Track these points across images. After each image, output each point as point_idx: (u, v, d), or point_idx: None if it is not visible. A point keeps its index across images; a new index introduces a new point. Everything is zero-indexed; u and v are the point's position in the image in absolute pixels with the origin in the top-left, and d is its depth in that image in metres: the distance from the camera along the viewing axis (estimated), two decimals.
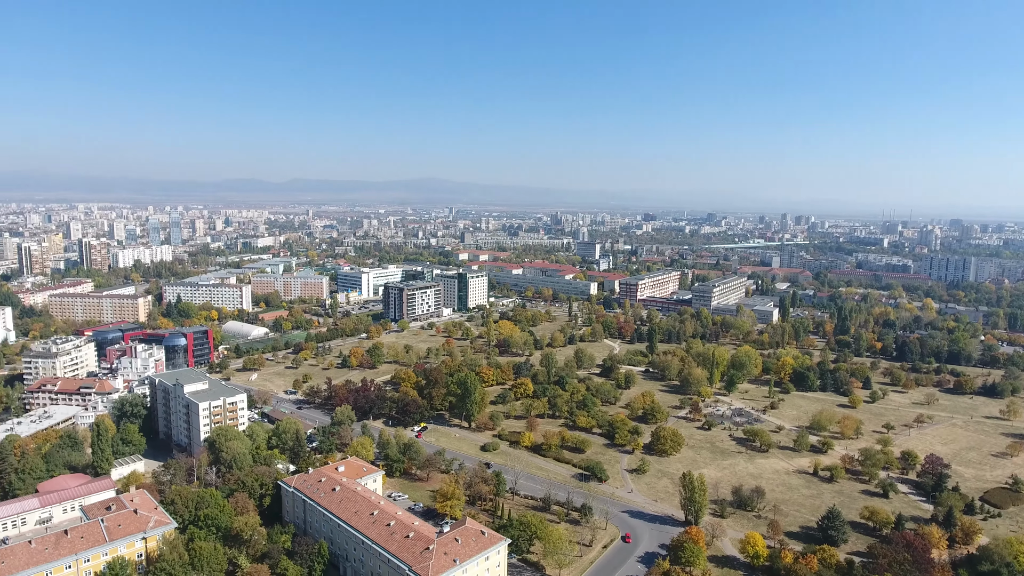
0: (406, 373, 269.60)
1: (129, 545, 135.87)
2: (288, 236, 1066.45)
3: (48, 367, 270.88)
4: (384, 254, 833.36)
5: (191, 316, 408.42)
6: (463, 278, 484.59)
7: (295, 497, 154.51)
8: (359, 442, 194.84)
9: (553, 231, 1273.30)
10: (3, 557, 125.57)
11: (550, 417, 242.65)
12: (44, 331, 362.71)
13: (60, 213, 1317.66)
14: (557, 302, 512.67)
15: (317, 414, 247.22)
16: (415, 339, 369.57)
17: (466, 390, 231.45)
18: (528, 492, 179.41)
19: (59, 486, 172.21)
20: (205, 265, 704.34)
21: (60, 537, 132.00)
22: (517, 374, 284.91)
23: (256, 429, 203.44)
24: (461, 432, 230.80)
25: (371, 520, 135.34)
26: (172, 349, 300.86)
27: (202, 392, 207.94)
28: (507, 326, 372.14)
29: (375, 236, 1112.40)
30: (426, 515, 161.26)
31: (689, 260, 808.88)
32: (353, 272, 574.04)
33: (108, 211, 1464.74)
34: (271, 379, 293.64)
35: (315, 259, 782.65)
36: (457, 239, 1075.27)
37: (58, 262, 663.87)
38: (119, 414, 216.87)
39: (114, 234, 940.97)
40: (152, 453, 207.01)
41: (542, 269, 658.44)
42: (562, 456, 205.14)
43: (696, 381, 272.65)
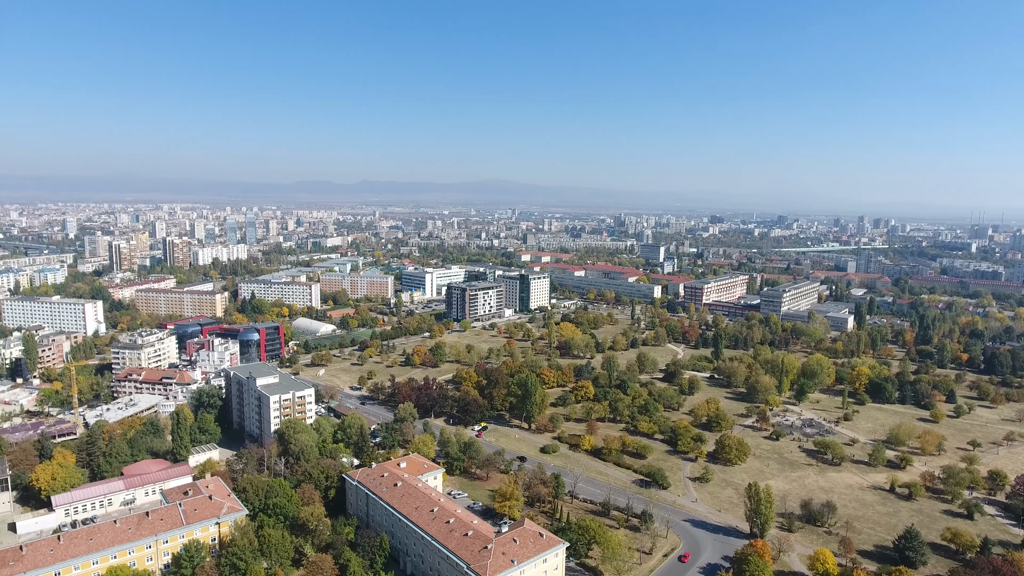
0: (467, 373, 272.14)
1: (204, 529, 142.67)
2: (356, 236, 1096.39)
3: (134, 358, 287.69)
4: (447, 254, 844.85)
5: (264, 312, 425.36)
6: (525, 279, 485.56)
7: (358, 491, 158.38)
8: (421, 439, 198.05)
9: (616, 233, 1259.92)
10: (91, 534, 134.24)
11: (611, 421, 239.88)
12: (131, 324, 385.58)
13: (147, 213, 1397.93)
14: (619, 305, 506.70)
15: (380, 410, 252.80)
16: (477, 339, 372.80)
17: (526, 391, 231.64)
18: (587, 496, 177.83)
19: (142, 470, 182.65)
20: (277, 263, 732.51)
21: (142, 518, 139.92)
22: (578, 377, 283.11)
23: (323, 423, 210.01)
24: (521, 433, 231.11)
25: (431, 516, 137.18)
26: (246, 343, 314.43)
27: (273, 385, 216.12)
28: (568, 328, 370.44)
29: (439, 237, 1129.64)
30: (485, 514, 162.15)
31: (758, 264, 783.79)
32: (417, 272, 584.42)
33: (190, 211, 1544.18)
34: (337, 375, 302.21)
35: (381, 259, 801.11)
36: (520, 240, 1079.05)
37: (144, 259, 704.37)
38: (197, 404, 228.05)
39: (195, 233, 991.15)
40: (226, 442, 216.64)
41: (605, 271, 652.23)
42: (622, 461, 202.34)
43: (764, 389, 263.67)
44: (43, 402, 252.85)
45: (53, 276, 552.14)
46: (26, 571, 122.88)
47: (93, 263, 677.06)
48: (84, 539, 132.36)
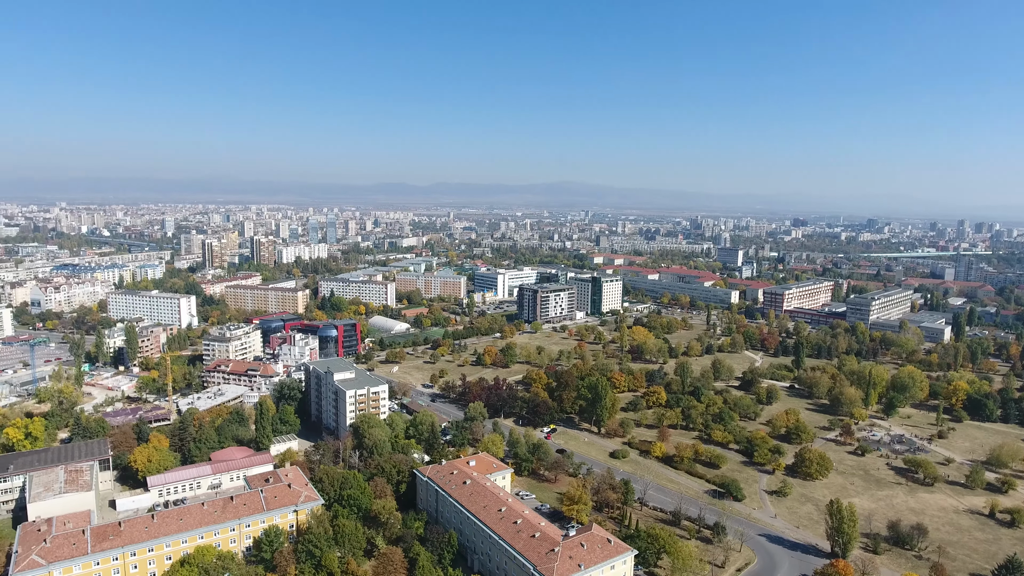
0: (537, 374, 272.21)
1: (283, 516, 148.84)
2: (430, 237, 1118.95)
3: (222, 350, 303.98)
4: (520, 256, 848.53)
5: (342, 310, 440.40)
6: (597, 282, 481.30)
7: (429, 487, 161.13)
8: (490, 439, 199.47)
9: (692, 236, 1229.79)
10: (181, 515, 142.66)
11: (683, 428, 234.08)
12: (220, 318, 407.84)
13: (237, 214, 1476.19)
14: (694, 310, 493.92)
15: (451, 408, 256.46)
16: (547, 341, 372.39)
17: (596, 395, 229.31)
18: (657, 504, 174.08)
19: (227, 456, 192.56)
20: (355, 263, 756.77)
21: (227, 502, 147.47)
22: (650, 382, 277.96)
23: (395, 419, 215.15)
24: (590, 437, 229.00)
25: (499, 516, 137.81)
26: (325, 339, 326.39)
27: (349, 381, 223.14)
28: (641, 332, 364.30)
29: (511, 238, 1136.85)
30: (552, 516, 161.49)
31: (844, 269, 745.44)
32: (489, 273, 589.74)
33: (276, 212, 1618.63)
34: (410, 372, 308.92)
35: (454, 259, 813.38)
36: (592, 243, 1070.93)
37: (233, 257, 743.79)
38: (278, 396, 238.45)
39: (280, 233, 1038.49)
40: (304, 433, 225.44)
41: (679, 275, 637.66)
42: (695, 470, 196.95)
43: (849, 401, 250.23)
44: (141, 389, 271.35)
45: (152, 272, 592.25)
46: (123, 545, 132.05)
47: (188, 260, 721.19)
48: (175, 519, 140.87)
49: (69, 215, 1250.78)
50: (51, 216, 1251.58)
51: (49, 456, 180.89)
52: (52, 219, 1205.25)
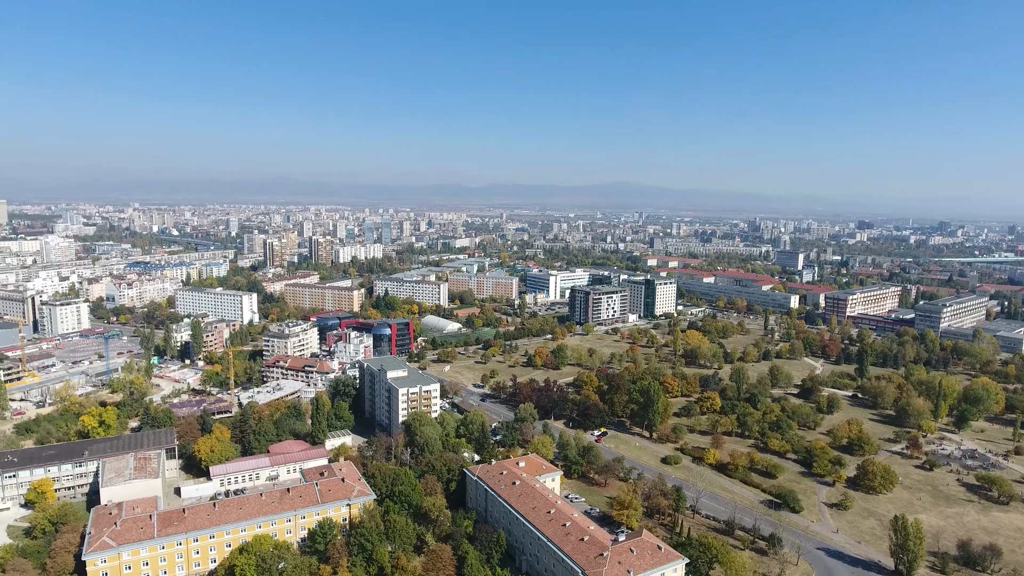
0: (588, 376, 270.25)
1: (336, 509, 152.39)
2: (483, 238, 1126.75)
3: (281, 346, 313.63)
4: (572, 257, 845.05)
5: (396, 309, 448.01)
6: (651, 284, 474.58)
7: (478, 486, 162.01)
8: (540, 440, 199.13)
9: (750, 238, 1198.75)
10: (241, 504, 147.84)
11: (738, 436, 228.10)
12: (280, 315, 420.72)
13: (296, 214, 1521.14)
14: (752, 314, 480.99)
15: (501, 409, 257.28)
16: (599, 343, 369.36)
17: (649, 399, 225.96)
18: (710, 512, 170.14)
19: (285, 449, 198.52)
20: (409, 263, 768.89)
21: (284, 494, 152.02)
22: (704, 387, 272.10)
23: (447, 417, 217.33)
24: (641, 441, 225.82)
25: (548, 518, 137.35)
26: (379, 338, 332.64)
27: (402, 379, 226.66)
28: (695, 336, 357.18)
29: (564, 239, 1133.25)
30: (601, 521, 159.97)
31: (913, 275, 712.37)
32: (541, 274, 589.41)
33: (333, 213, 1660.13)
34: (461, 372, 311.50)
35: (506, 260, 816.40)
36: (646, 244, 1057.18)
37: (293, 256, 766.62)
38: (334, 392, 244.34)
39: (337, 233, 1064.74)
40: (358, 429, 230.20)
41: (736, 278, 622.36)
42: (750, 479, 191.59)
43: (916, 413, 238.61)
44: (206, 382, 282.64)
45: (217, 270, 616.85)
46: (187, 531, 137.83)
47: (250, 259, 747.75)
48: (235, 508, 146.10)
49: (141, 215, 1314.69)
50: (125, 216, 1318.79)
51: (120, 444, 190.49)
52: (126, 219, 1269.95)
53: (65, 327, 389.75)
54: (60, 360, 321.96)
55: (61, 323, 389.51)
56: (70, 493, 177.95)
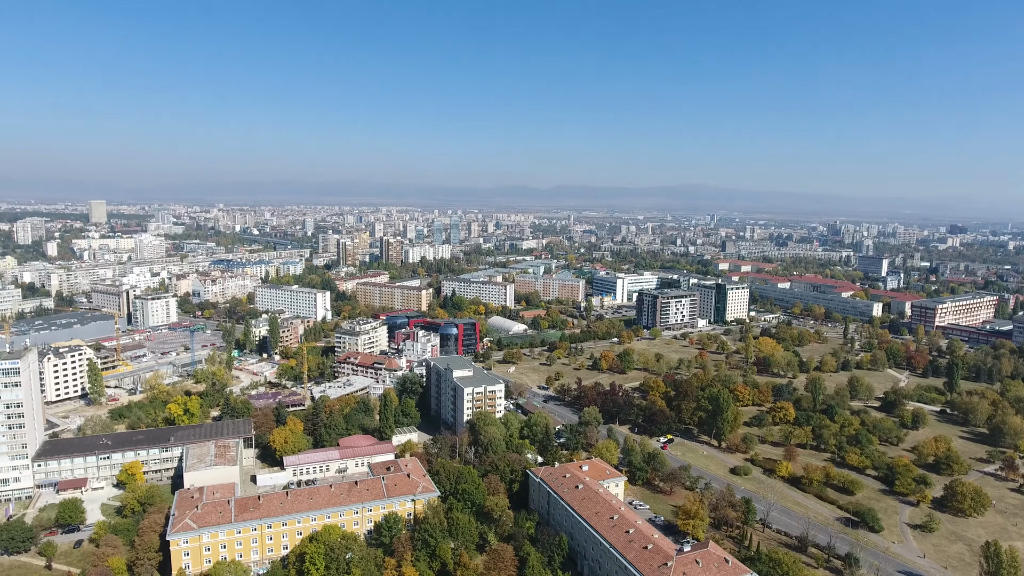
0: (655, 382, 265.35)
1: (402, 504, 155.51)
2: (550, 240, 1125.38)
3: (352, 343, 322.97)
4: (640, 260, 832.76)
5: (462, 309, 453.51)
6: (722, 289, 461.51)
7: (541, 488, 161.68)
8: (604, 445, 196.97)
9: (830, 242, 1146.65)
10: (311, 495, 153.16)
11: (813, 449, 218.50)
12: (351, 313, 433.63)
13: (368, 215, 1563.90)
14: (830, 322, 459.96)
15: (565, 412, 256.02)
16: (666, 348, 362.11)
17: (718, 407, 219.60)
18: (781, 527, 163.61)
19: (354, 443, 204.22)
20: (476, 264, 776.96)
21: (352, 487, 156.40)
22: (777, 396, 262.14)
23: (511, 418, 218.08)
24: (709, 450, 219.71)
25: (611, 524, 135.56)
26: (445, 337, 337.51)
27: (468, 378, 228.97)
28: (768, 343, 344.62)
29: (632, 242, 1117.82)
30: (666, 530, 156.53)
31: (1011, 283, 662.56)
32: (608, 277, 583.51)
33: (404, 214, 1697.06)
34: (526, 373, 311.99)
35: (573, 262, 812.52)
36: (718, 248, 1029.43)
37: (364, 256, 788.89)
38: (401, 389, 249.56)
39: (407, 234, 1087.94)
40: (424, 426, 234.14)
41: (814, 284, 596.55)
42: (825, 494, 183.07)
43: (1013, 432, 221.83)
44: (281, 375, 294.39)
45: (294, 268, 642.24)
46: (261, 518, 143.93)
47: (324, 258, 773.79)
48: (306, 498, 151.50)
49: (225, 215, 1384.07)
50: (211, 216, 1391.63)
51: (202, 431, 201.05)
52: (212, 219, 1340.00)
53: (155, 320, 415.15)
54: (150, 351, 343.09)
55: (152, 316, 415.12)
56: (157, 476, 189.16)
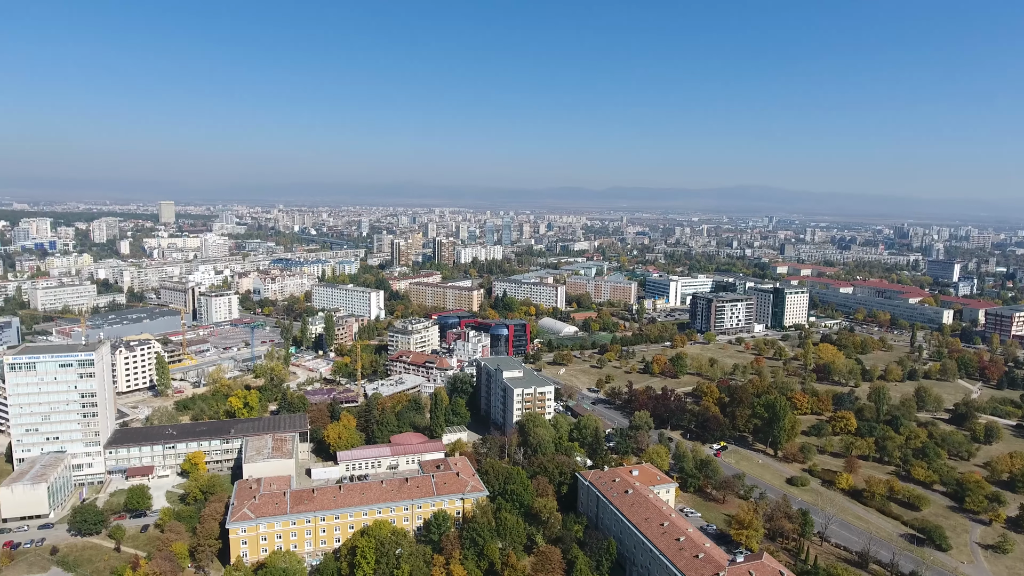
0: (709, 387, 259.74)
1: (451, 502, 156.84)
2: (602, 241, 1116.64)
3: (404, 342, 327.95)
4: (694, 263, 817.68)
5: (513, 310, 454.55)
6: (780, 293, 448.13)
7: (590, 491, 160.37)
8: (654, 450, 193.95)
9: (896, 246, 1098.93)
10: (363, 490, 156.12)
11: (876, 461, 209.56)
12: (404, 312, 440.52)
13: (422, 216, 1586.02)
14: (896, 329, 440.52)
15: (616, 415, 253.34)
16: (721, 353, 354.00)
17: (774, 414, 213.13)
18: (841, 541, 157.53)
19: (405, 441, 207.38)
20: (528, 265, 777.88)
21: (402, 483, 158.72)
22: (837, 406, 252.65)
23: (560, 420, 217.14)
24: (764, 459, 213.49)
25: (660, 530, 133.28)
26: (496, 337, 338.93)
27: (517, 379, 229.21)
28: (829, 350, 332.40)
29: (686, 244, 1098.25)
30: (718, 539, 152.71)
31: None
32: (662, 279, 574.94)
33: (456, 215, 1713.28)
34: (576, 375, 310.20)
35: (625, 264, 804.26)
36: (776, 251, 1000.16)
37: (418, 256, 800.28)
38: (451, 388, 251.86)
39: (459, 234, 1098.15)
40: (473, 426, 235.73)
41: (878, 289, 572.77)
42: (888, 509, 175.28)
43: None
44: (336, 372, 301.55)
45: (349, 268, 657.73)
46: (315, 510, 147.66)
47: (379, 258, 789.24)
48: (358, 492, 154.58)
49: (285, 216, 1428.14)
50: (271, 216, 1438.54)
51: (261, 425, 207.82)
52: (272, 219, 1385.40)
53: (218, 316, 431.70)
54: (213, 346, 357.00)
55: (215, 312, 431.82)
56: (218, 466, 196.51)
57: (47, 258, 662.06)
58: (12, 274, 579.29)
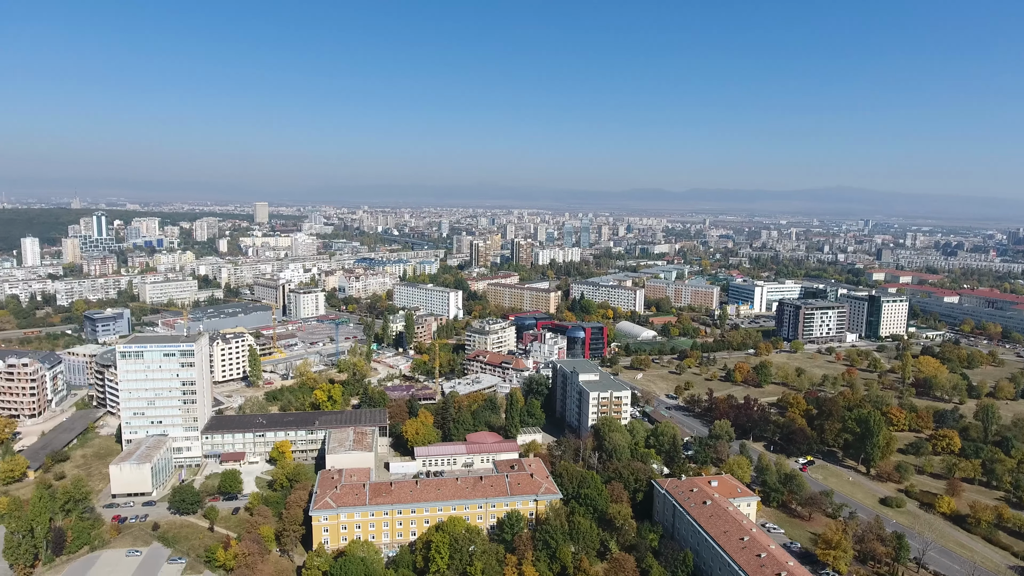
0: (795, 398, 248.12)
1: (524, 503, 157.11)
2: (683, 244, 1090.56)
3: (481, 342, 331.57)
4: (782, 268, 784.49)
5: (590, 312, 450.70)
6: (875, 301, 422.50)
7: (666, 500, 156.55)
8: (735, 461, 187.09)
9: (1010, 252, 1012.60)
10: (439, 486, 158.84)
11: (982, 485, 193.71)
12: (481, 312, 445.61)
13: (500, 217, 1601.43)
14: (1008, 342, 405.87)
15: (694, 423, 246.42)
16: (809, 363, 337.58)
17: (867, 429, 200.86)
18: (940, 569, 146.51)
19: (480, 439, 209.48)
20: (606, 267, 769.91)
21: (477, 482, 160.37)
22: (939, 423, 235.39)
23: (636, 426, 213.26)
24: (855, 476, 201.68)
25: (740, 545, 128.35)
26: (572, 340, 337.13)
27: (594, 382, 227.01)
28: (930, 363, 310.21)
29: (773, 248, 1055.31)
30: (802, 558, 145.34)
31: None
32: (746, 284, 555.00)
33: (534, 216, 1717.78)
34: (654, 381, 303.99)
35: (708, 268, 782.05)
36: (872, 256, 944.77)
37: (496, 257, 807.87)
38: (527, 390, 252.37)
39: (537, 236, 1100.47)
40: (548, 428, 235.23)
41: (988, 299, 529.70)
42: (996, 538, 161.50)
43: None
44: (415, 369, 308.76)
45: (429, 267, 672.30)
46: (393, 503, 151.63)
47: (458, 258, 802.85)
48: (434, 488, 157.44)
49: (369, 217, 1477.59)
50: (356, 217, 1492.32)
51: (343, 418, 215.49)
52: (357, 220, 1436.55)
53: (306, 312, 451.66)
54: (301, 340, 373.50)
55: (303, 309, 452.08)
56: (303, 455, 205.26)
57: (155, 255, 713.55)
58: (125, 269, 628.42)
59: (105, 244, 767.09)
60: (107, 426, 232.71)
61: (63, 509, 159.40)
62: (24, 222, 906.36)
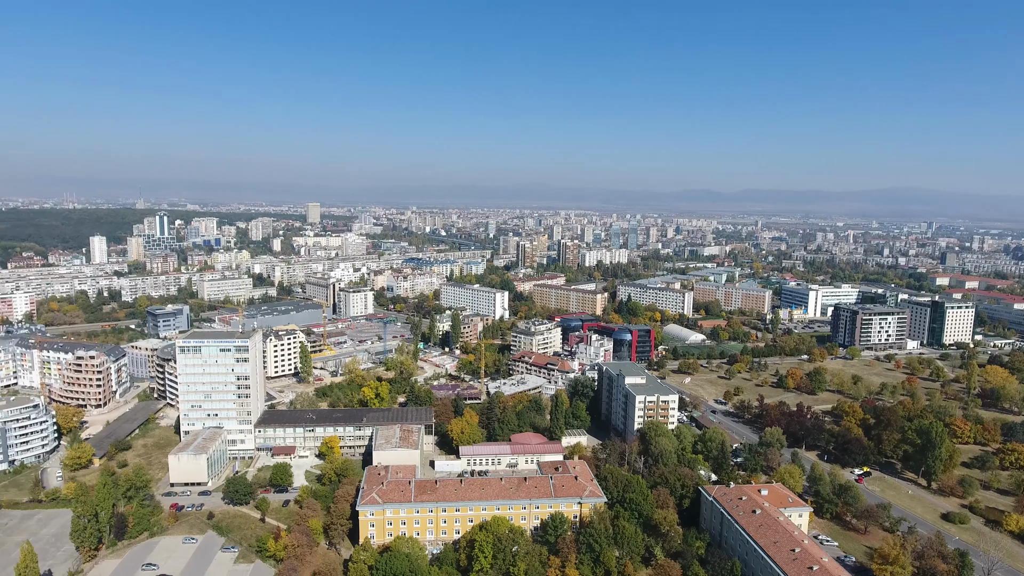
0: (851, 407, 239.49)
1: (568, 505, 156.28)
2: (734, 246, 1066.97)
3: (527, 343, 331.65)
4: (838, 271, 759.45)
5: (637, 315, 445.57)
6: (939, 307, 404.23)
7: (713, 507, 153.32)
8: (787, 469, 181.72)
9: None
10: (483, 485, 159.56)
11: None
12: (527, 313, 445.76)
13: (547, 218, 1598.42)
14: None
15: (744, 430, 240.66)
16: (866, 370, 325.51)
17: (929, 441, 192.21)
18: None
19: (524, 440, 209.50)
20: (654, 269, 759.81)
21: (521, 482, 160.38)
22: (1007, 436, 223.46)
23: (683, 431, 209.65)
24: (915, 490, 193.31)
25: (791, 556, 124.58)
26: (619, 342, 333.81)
27: (640, 386, 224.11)
28: (998, 373, 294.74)
29: (829, 251, 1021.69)
30: (857, 572, 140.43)
31: None
32: (800, 288, 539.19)
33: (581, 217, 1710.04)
34: (702, 385, 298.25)
35: (759, 271, 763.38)
36: (935, 260, 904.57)
37: (542, 258, 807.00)
38: (572, 392, 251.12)
39: (584, 237, 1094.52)
40: (593, 430, 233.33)
41: None
42: None
43: None
44: (460, 369, 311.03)
45: (476, 268, 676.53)
46: (437, 501, 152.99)
47: (504, 259, 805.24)
48: (478, 487, 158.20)
49: (417, 217, 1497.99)
50: (404, 218, 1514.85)
51: (390, 415, 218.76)
52: (405, 220, 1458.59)
53: (355, 311, 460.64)
54: (350, 338, 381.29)
55: (352, 307, 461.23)
56: (351, 451, 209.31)
57: (212, 253, 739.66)
58: (184, 267, 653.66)
59: (167, 243, 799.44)
60: (166, 417, 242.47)
61: (125, 496, 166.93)
62: (92, 222, 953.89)
